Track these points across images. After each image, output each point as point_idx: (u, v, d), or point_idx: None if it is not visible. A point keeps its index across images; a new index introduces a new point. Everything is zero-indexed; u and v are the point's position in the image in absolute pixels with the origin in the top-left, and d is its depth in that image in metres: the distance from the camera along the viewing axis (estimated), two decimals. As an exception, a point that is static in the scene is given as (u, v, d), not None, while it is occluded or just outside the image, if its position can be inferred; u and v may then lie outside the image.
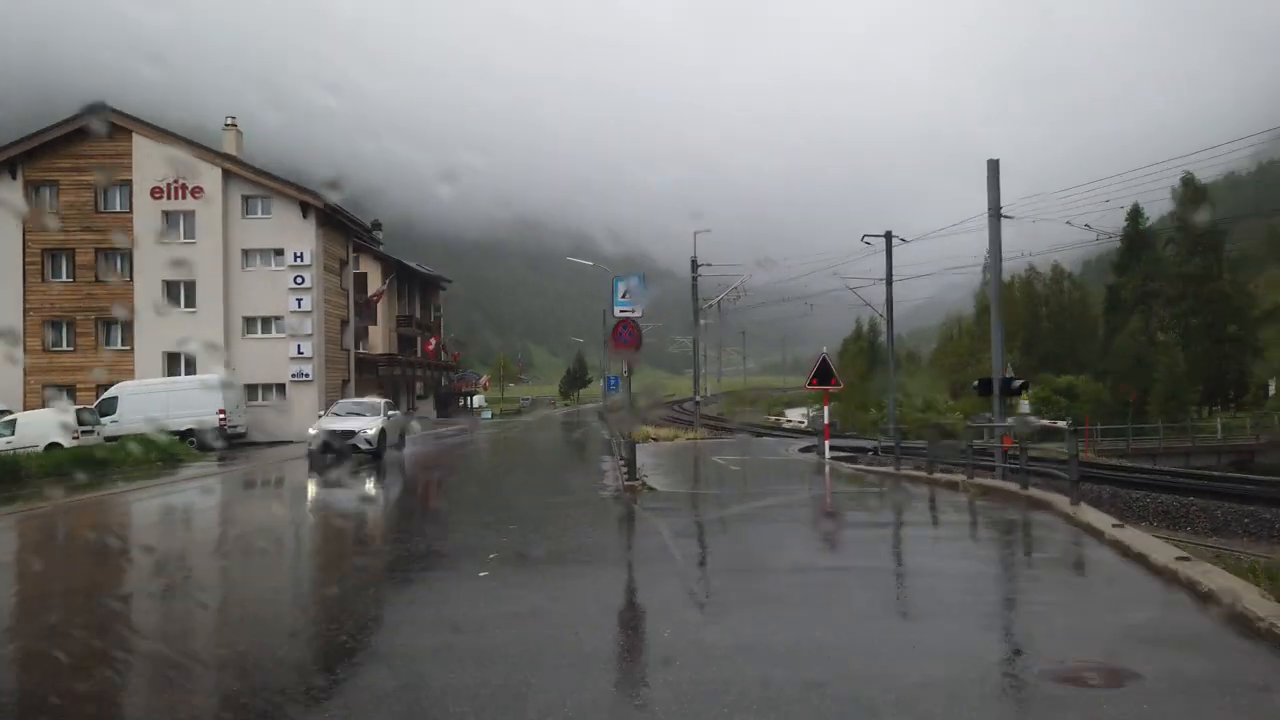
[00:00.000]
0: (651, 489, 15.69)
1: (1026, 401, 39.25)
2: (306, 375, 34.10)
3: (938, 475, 16.93)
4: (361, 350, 56.70)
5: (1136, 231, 65.92)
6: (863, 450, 31.59)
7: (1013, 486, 13.94)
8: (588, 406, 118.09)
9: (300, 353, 34.02)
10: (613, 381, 61.89)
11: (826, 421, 26.04)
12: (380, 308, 57.02)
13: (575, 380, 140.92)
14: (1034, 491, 13.12)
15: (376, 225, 61.68)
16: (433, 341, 56.19)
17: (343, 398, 38.40)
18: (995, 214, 20.98)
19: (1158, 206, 77.62)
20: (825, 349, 26.24)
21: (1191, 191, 58.86)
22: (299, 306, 34.09)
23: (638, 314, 16.71)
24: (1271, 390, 59.12)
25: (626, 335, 16.57)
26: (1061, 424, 39.19)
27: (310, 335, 34.12)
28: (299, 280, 34.06)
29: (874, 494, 16.49)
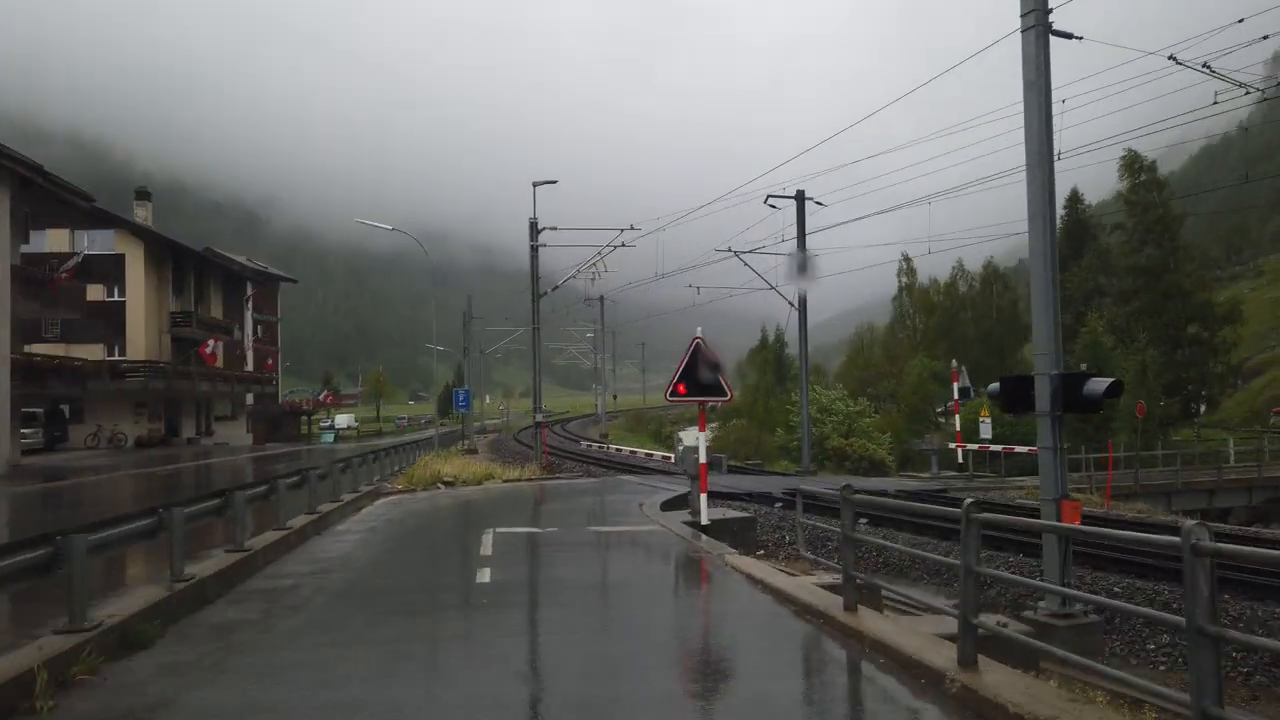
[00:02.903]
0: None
1: (988, 420, 28.70)
2: None
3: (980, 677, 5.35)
4: (121, 357, 42.72)
5: (1077, 219, 57.61)
6: (768, 499, 20.22)
7: None
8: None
9: None
10: (461, 396, 49.46)
11: (704, 461, 14.50)
12: (144, 301, 43.17)
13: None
14: None
15: (144, 194, 47.84)
16: (210, 343, 42.53)
17: (-19, 423, 24.92)
18: (1040, 23, 9.77)
19: (1099, 189, 70.18)
20: (700, 330, 14.69)
21: (1139, 170, 50.52)
22: None
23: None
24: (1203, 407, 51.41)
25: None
26: None
27: (-125, 321, 20.73)
28: None
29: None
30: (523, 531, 13.45)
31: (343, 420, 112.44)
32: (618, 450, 36.92)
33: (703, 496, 14.43)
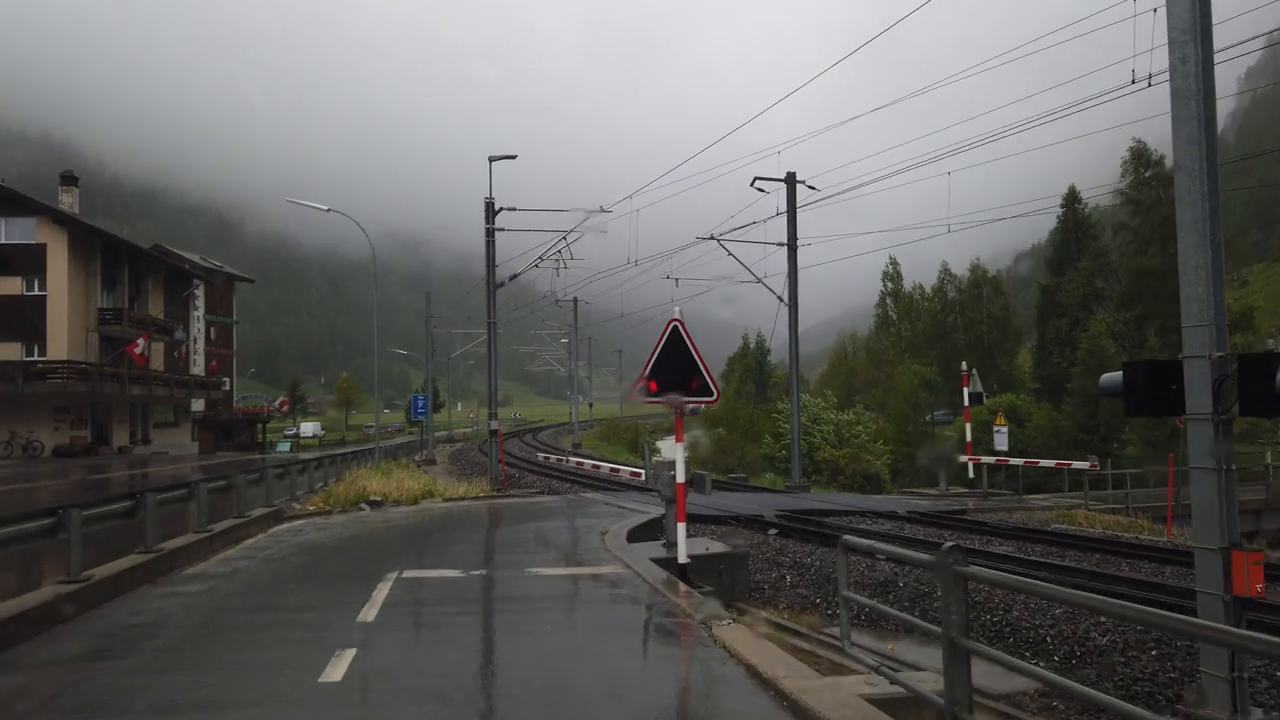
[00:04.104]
0: None
1: (1004, 428, 25.45)
2: None
3: None
4: (41, 357, 38.69)
5: (1075, 219, 54.91)
6: (759, 523, 16.76)
7: None
8: (439, 435, 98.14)
9: None
10: (419, 402, 45.85)
11: (682, 479, 11.05)
12: (68, 296, 39.19)
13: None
14: None
15: (70, 179, 43.87)
16: (139, 343, 38.54)
17: None
18: None
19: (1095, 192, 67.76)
20: (678, 310, 11.33)
21: (1144, 164, 47.83)
22: None
23: None
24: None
25: None
26: (1083, 465, 24.83)
27: None
28: None
29: None
30: (436, 576, 9.95)
31: (308, 428, 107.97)
32: (579, 465, 33.23)
33: (680, 527, 10.98)
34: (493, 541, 13.58)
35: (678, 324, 10.98)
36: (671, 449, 11.99)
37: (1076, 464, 22.25)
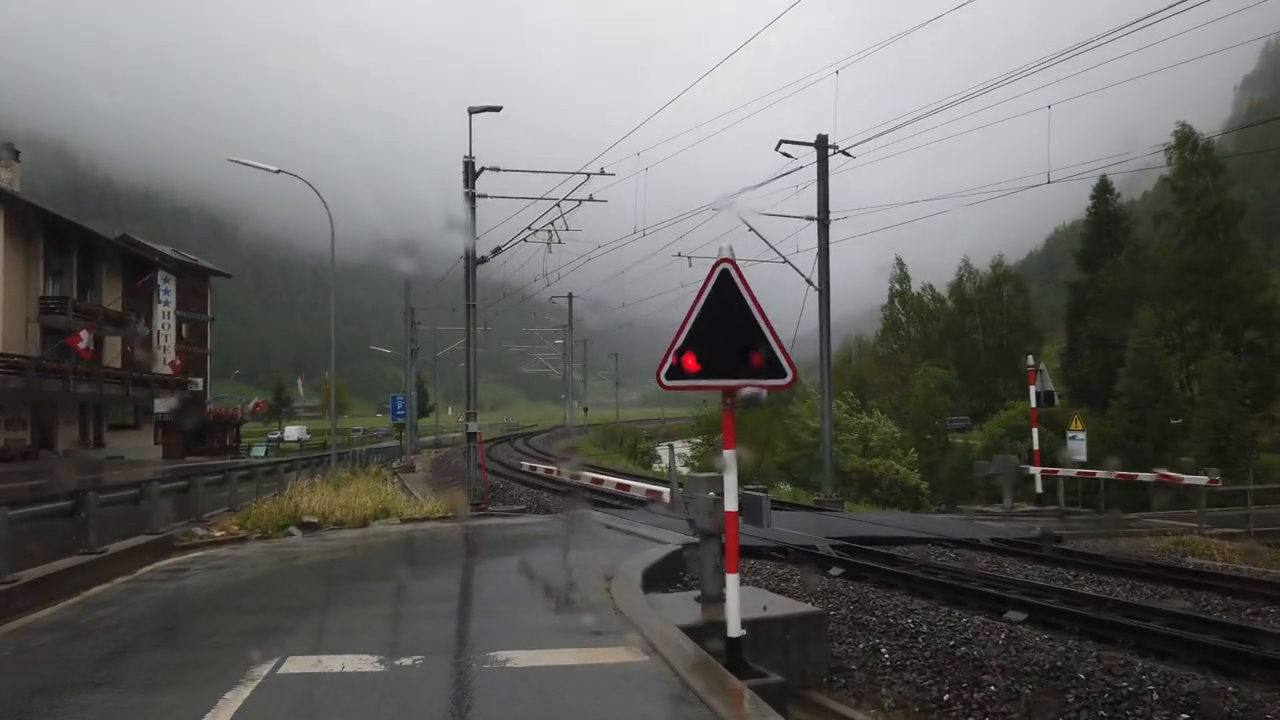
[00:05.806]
0: None
1: (1081, 434, 21.51)
2: None
3: None
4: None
5: (1107, 212, 51.16)
6: (812, 556, 12.73)
7: None
8: (425, 440, 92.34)
9: None
10: (399, 404, 41.89)
11: (732, 506, 7.03)
12: (1, 281, 35.06)
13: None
14: None
15: (10, 151, 39.84)
16: (83, 334, 34.41)
17: None
18: None
19: (1130, 182, 64.18)
20: (729, 248, 7.25)
21: (1191, 150, 44.05)
22: None
23: None
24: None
25: None
26: (1199, 479, 19.89)
27: None
28: None
29: None
30: (338, 671, 5.96)
31: (293, 431, 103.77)
32: (575, 478, 29.01)
33: (732, 580, 6.96)
34: (450, 592, 9.58)
35: (729, 266, 7.01)
36: (724, 465, 7.96)
37: (1190, 478, 18.31)
